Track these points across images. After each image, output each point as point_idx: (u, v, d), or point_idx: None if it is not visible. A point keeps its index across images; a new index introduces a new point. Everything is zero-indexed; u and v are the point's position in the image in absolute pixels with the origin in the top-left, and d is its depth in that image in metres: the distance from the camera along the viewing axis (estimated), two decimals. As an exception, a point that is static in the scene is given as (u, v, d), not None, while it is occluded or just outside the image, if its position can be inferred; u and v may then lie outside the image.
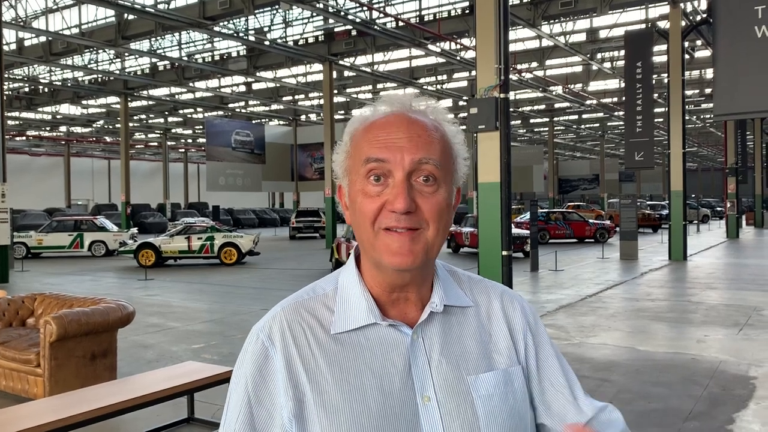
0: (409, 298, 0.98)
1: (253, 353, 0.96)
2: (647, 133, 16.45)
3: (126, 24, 20.54)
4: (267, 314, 1.00)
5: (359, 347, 0.94)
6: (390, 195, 0.90)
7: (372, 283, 0.98)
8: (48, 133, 46.35)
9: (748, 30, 8.06)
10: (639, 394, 5.43)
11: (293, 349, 0.94)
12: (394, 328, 0.95)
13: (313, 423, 0.90)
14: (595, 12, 18.96)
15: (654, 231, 30.72)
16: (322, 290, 1.01)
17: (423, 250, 0.92)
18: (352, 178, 0.95)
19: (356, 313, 0.96)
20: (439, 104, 0.99)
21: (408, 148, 0.91)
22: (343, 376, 0.92)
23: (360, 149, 0.94)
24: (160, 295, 12.27)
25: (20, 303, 6.33)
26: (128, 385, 4.34)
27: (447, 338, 0.97)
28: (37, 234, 21.69)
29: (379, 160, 0.91)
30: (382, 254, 0.92)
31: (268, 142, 29.58)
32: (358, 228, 0.95)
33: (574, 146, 57.45)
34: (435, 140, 0.93)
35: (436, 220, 0.92)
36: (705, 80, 28.25)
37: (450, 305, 0.99)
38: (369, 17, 19.73)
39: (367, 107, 0.99)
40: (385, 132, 0.93)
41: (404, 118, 0.94)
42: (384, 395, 0.91)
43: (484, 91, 8.27)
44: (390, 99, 0.98)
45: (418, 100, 0.98)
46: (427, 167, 0.91)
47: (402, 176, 0.90)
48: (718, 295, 11.09)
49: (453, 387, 0.94)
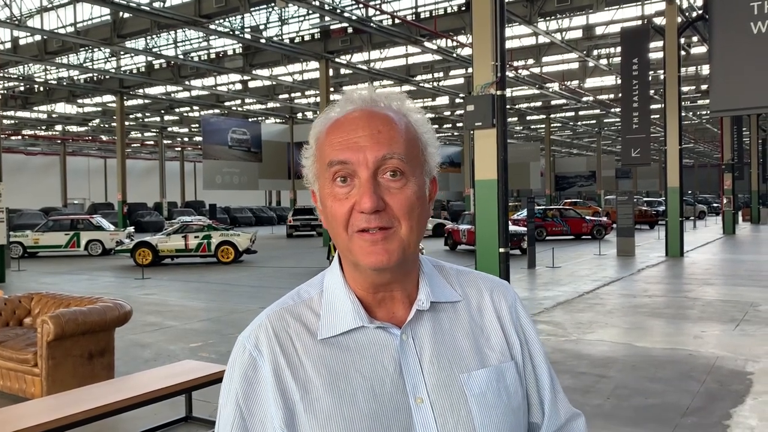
0: (395, 297, 0.96)
1: (242, 364, 0.94)
2: (644, 129, 16.47)
3: (121, 22, 20.47)
4: (252, 323, 0.98)
5: (348, 351, 0.92)
6: (357, 195, 0.89)
7: (355, 285, 0.96)
8: (44, 132, 46.20)
9: (744, 26, 8.08)
10: (636, 390, 5.45)
11: (281, 358, 0.92)
12: (383, 330, 0.93)
13: (305, 431, 0.89)
14: (591, 9, 18.96)
15: (651, 227, 30.77)
16: (307, 294, 0.99)
17: (398, 247, 0.90)
18: (321, 182, 0.94)
19: (343, 317, 0.94)
20: (401, 93, 0.97)
21: (370, 146, 0.89)
22: (333, 382, 0.90)
23: (323, 153, 0.92)
24: (158, 294, 12.26)
25: (17, 302, 6.31)
26: (126, 384, 4.33)
27: (437, 336, 0.95)
28: (33, 233, 21.63)
29: (342, 162, 0.89)
30: (357, 255, 0.90)
31: (264, 140, 29.53)
32: (333, 232, 0.92)
33: (570, 143, 57.48)
34: (399, 133, 0.91)
35: (407, 217, 0.90)
36: (701, 77, 28.28)
37: (438, 301, 0.97)
38: (365, 14, 19.71)
39: (329, 107, 0.97)
40: (345, 132, 0.91)
41: (365, 114, 0.92)
42: (376, 399, 0.89)
43: (481, 88, 8.27)
44: (350, 96, 0.96)
45: (379, 92, 0.95)
46: (392, 162, 0.89)
47: (367, 175, 0.88)
48: (714, 291, 11.12)
49: (445, 386, 0.92)
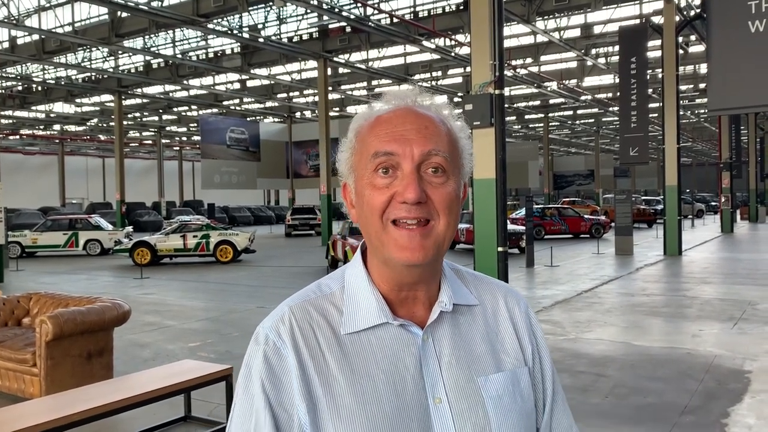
0: (417, 297, 0.96)
1: (265, 353, 0.92)
2: (642, 128, 16.49)
3: (119, 22, 20.45)
4: (273, 313, 0.96)
5: (370, 348, 0.92)
6: (400, 186, 0.89)
7: (380, 281, 0.95)
8: (42, 132, 46.14)
9: (741, 25, 8.08)
10: (635, 389, 5.45)
11: (304, 350, 0.91)
12: (404, 328, 0.94)
13: (328, 428, 0.88)
14: (589, 8, 18.99)
15: (649, 226, 30.79)
16: (329, 289, 0.98)
17: (434, 245, 0.90)
18: (359, 173, 0.93)
19: (366, 313, 0.94)
20: (443, 101, 0.99)
21: (416, 140, 0.90)
22: (355, 379, 0.90)
23: (367, 144, 0.92)
24: (156, 294, 12.25)
25: (16, 302, 6.31)
26: (125, 384, 4.33)
27: (456, 338, 0.96)
28: (31, 233, 21.59)
29: (388, 153, 0.90)
30: (391, 249, 0.90)
31: (263, 139, 29.54)
32: (366, 222, 0.92)
33: (569, 142, 57.50)
34: (442, 133, 0.92)
35: (447, 212, 0.91)
36: (699, 75, 28.29)
37: (458, 304, 0.98)
38: (363, 14, 19.70)
39: (371, 104, 0.98)
40: (392, 125, 0.91)
41: (410, 111, 0.93)
42: (398, 397, 0.90)
43: (479, 87, 8.27)
44: (394, 94, 0.97)
45: (422, 95, 0.97)
46: (437, 159, 0.90)
47: (411, 167, 0.89)
48: (713, 289, 11.14)
49: (463, 388, 0.93)
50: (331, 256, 15.66)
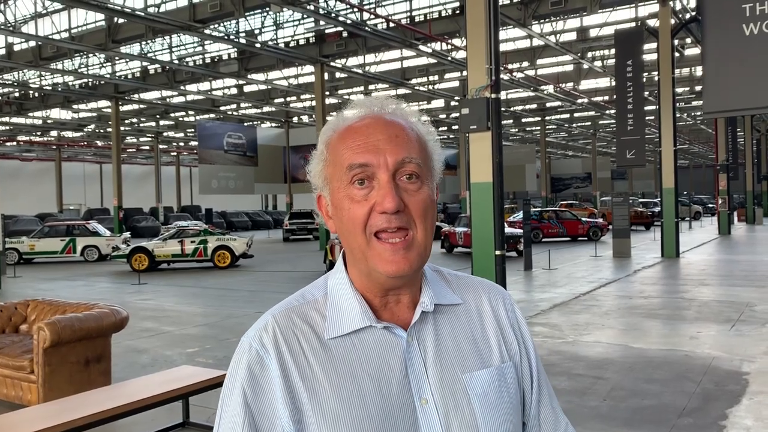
0: (401, 300, 0.97)
1: (248, 362, 0.92)
2: (638, 131, 16.52)
3: (116, 28, 20.45)
4: (257, 322, 0.97)
5: (354, 352, 0.93)
6: (378, 196, 0.90)
7: (362, 288, 0.97)
8: (39, 138, 46.11)
9: (736, 28, 8.12)
10: (633, 391, 5.46)
11: (288, 357, 0.92)
12: (388, 331, 0.95)
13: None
14: (585, 11, 19.02)
15: (646, 228, 30.84)
16: (312, 296, 0.99)
17: (417, 255, 0.92)
18: (334, 185, 0.94)
19: (350, 317, 0.94)
20: (409, 106, 0.99)
21: (389, 149, 0.91)
22: (340, 383, 0.90)
23: (340, 156, 0.93)
24: (154, 300, 12.23)
25: (13, 309, 6.29)
26: (123, 390, 4.33)
27: (440, 338, 0.97)
28: (29, 239, 21.56)
29: (363, 165, 0.91)
30: (377, 263, 0.91)
31: (260, 144, 29.55)
32: (348, 235, 0.93)
33: (566, 145, 57.62)
34: (413, 139, 0.94)
35: (422, 219, 0.92)
36: (695, 78, 28.39)
37: (440, 304, 0.99)
38: (360, 18, 19.73)
39: (338, 113, 0.98)
40: (363, 136, 0.92)
41: (379, 119, 0.94)
42: (383, 399, 0.90)
43: (476, 91, 8.29)
44: (361, 102, 0.98)
45: (388, 101, 0.97)
46: (410, 166, 0.92)
47: (387, 177, 0.90)
48: (710, 291, 11.15)
49: (449, 387, 0.94)
50: (329, 260, 15.65)
